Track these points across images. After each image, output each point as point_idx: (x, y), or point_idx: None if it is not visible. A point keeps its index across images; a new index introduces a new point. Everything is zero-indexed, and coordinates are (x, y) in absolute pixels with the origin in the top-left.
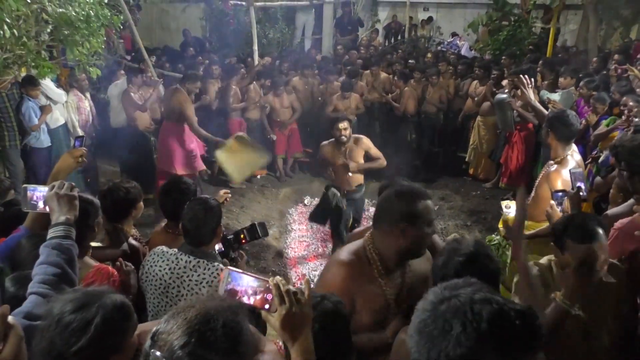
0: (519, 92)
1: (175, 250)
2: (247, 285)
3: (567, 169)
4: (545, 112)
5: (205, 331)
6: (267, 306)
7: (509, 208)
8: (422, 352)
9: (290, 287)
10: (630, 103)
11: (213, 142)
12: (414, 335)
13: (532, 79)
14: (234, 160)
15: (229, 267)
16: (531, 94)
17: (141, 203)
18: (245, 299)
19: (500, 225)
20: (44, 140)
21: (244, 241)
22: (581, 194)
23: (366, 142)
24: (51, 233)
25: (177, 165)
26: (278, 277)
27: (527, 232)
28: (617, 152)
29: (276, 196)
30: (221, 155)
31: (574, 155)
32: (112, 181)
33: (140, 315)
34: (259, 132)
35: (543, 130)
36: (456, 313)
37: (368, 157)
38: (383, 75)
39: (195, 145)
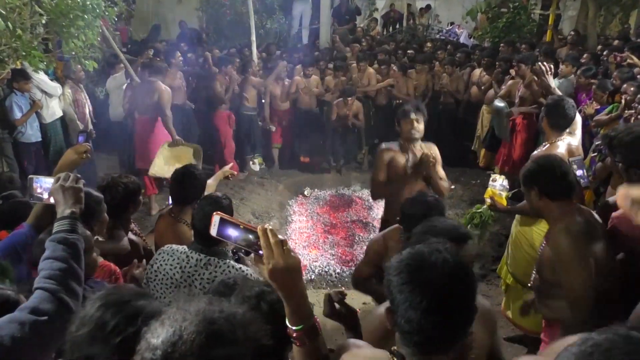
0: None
1: (185, 248)
2: (235, 234)
3: (554, 152)
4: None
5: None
6: (260, 252)
7: (495, 181)
8: None
9: (280, 237)
10: (632, 89)
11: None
12: None
13: (550, 65)
14: (166, 159)
15: (220, 213)
16: (551, 81)
17: (140, 198)
18: (236, 243)
19: (485, 196)
20: (32, 136)
21: None
22: (581, 181)
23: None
24: (57, 227)
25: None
26: (268, 225)
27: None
28: (613, 144)
29: (276, 188)
30: (164, 150)
31: (564, 140)
32: (110, 176)
33: None
34: (254, 124)
35: (540, 116)
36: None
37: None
38: (369, 70)
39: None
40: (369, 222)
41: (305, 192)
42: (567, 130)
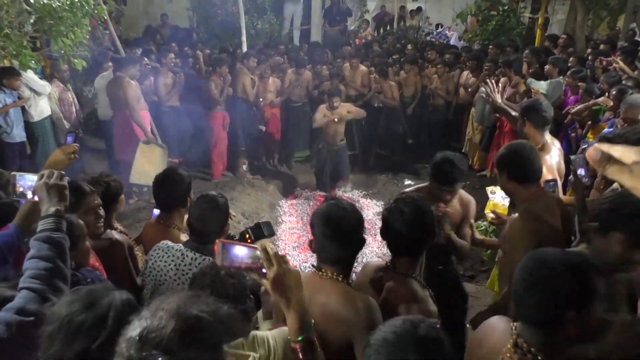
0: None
1: (181, 246)
2: (241, 254)
3: (549, 154)
4: (513, 112)
5: (194, 318)
6: (264, 270)
7: (494, 194)
8: None
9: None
10: (614, 92)
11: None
12: None
13: (503, 78)
14: (140, 162)
15: (221, 240)
16: (497, 98)
17: (122, 196)
18: (243, 266)
19: (486, 211)
20: (17, 136)
21: (249, 241)
22: (584, 180)
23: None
24: (41, 225)
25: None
26: (266, 241)
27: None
28: (618, 142)
29: (266, 188)
30: (138, 151)
31: (554, 143)
32: (92, 175)
33: None
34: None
35: (518, 122)
36: None
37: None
38: (362, 68)
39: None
40: None
41: (296, 193)
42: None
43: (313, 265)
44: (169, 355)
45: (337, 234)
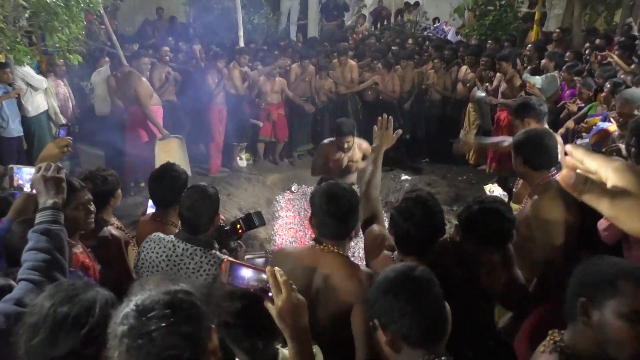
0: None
1: (172, 237)
2: (247, 276)
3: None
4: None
5: (183, 292)
6: (270, 294)
7: (493, 192)
8: None
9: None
10: (608, 86)
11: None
12: None
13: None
14: (161, 158)
15: (229, 259)
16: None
17: (119, 191)
18: (249, 288)
19: None
20: (14, 130)
21: (240, 231)
22: None
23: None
24: (39, 218)
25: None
26: (276, 267)
27: None
28: (632, 127)
29: (263, 184)
30: (156, 148)
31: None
32: (89, 170)
33: None
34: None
35: (516, 124)
36: None
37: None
38: (350, 63)
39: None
40: None
41: (293, 188)
42: None
43: (312, 239)
44: (167, 321)
45: (337, 211)
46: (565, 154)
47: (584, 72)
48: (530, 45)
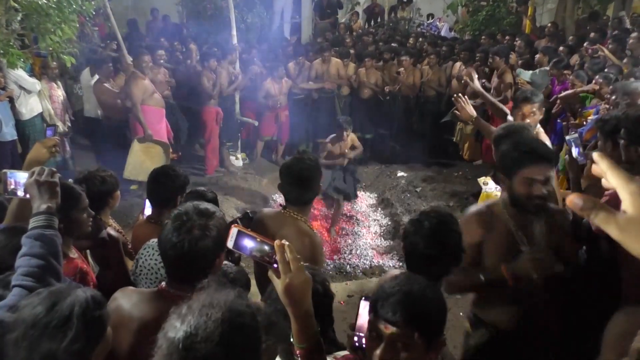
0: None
1: None
2: (249, 246)
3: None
4: (490, 98)
5: (237, 328)
6: (275, 265)
7: (487, 184)
8: None
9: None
10: (601, 80)
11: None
12: None
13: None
14: (139, 158)
15: (237, 225)
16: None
17: (118, 192)
18: (250, 254)
19: (480, 202)
20: (7, 134)
21: None
22: (579, 159)
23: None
24: (32, 223)
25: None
26: (285, 241)
27: None
28: (620, 119)
29: (259, 183)
30: (135, 146)
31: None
32: (87, 170)
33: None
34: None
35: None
36: None
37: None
38: (334, 60)
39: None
40: (353, 216)
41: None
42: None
43: (281, 205)
44: None
45: (297, 181)
46: (592, 161)
47: (574, 66)
48: (519, 41)
